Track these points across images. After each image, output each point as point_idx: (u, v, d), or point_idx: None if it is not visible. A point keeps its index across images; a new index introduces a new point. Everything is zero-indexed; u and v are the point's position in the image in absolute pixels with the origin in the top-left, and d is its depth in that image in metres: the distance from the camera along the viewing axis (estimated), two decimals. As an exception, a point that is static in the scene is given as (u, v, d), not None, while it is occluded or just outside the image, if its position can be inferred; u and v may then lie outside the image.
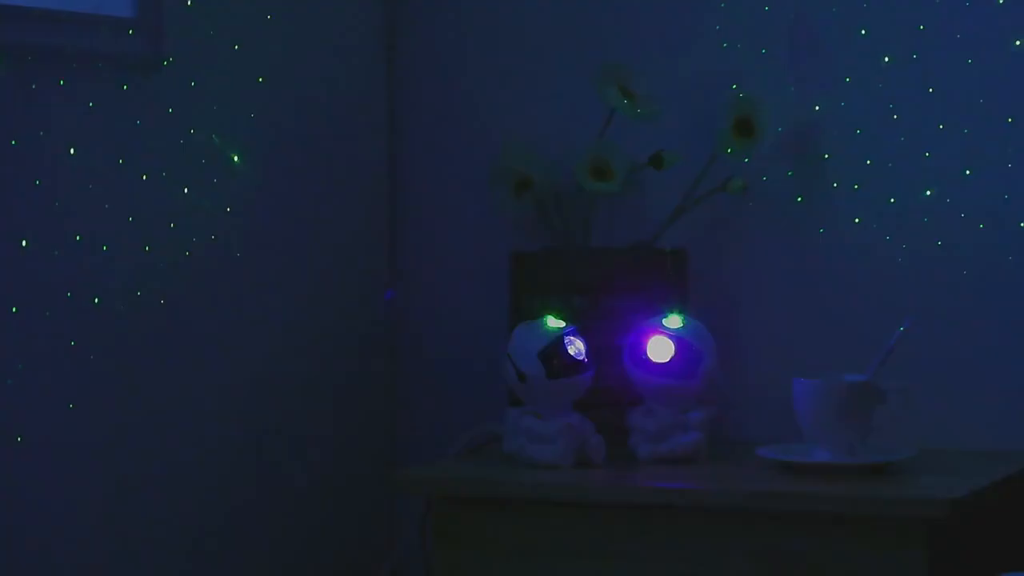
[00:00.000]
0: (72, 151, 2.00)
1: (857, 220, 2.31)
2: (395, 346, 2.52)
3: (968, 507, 1.95)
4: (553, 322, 2.20)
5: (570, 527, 2.09)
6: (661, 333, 2.20)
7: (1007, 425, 2.24)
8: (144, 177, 2.08)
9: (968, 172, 2.26)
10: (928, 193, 2.28)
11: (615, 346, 2.24)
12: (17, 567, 1.94)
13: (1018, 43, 2.22)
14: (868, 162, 2.30)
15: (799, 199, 2.34)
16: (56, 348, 1.99)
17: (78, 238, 2.01)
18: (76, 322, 2.01)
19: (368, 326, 2.47)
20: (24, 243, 1.95)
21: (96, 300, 2.03)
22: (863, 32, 2.30)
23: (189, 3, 2.14)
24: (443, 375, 2.51)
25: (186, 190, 2.14)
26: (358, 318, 2.45)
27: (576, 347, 2.19)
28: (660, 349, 2.20)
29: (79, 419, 2.02)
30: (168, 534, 2.15)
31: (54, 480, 2.00)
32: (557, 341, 2.18)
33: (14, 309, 1.94)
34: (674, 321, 2.21)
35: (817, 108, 2.32)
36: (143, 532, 2.11)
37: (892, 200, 2.29)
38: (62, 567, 2.00)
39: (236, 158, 2.21)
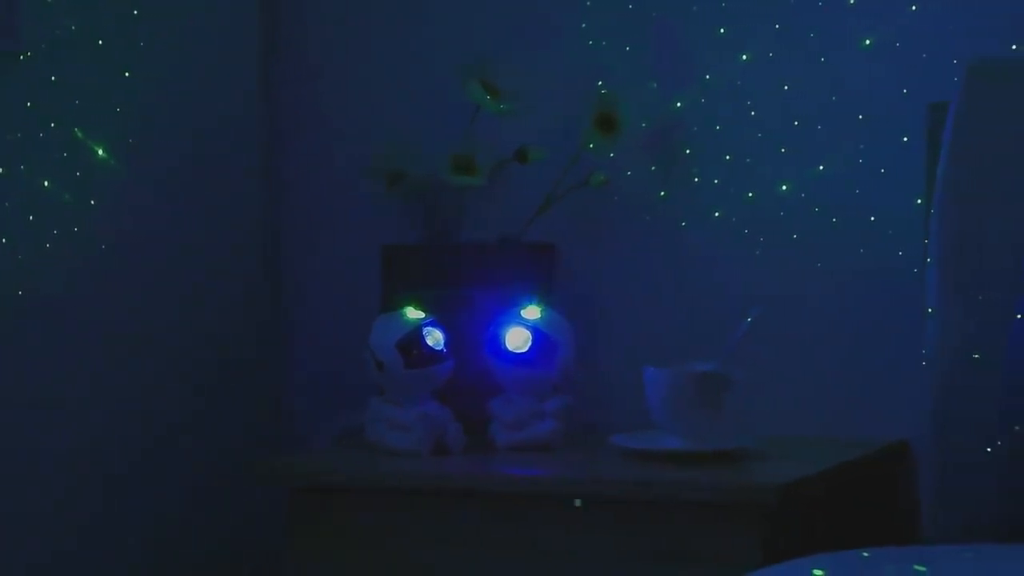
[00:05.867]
0: (-76, 144, 2.03)
1: (717, 214, 2.36)
2: (274, 338, 2.56)
3: (798, 492, 2.00)
4: (412, 313, 2.25)
5: (426, 514, 2.12)
6: (518, 324, 2.25)
7: (858, 413, 2.29)
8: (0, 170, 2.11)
9: (822, 167, 2.31)
10: (784, 188, 2.33)
11: (478, 337, 2.29)
12: None
13: (867, 42, 2.28)
14: (727, 157, 2.36)
15: (662, 194, 2.39)
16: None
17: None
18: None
19: (245, 320, 2.50)
20: None
21: (-50, 292, 2.07)
22: (722, 31, 2.35)
23: (49, -1, 2.18)
24: (322, 367, 2.55)
25: (46, 183, 2.16)
26: (234, 311, 2.48)
27: (434, 338, 2.23)
28: (517, 339, 2.25)
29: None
30: (31, 528, 2.17)
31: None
32: (415, 332, 2.22)
33: None
34: (532, 312, 2.26)
35: (679, 105, 2.37)
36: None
37: (750, 194, 2.35)
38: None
39: (101, 151, 2.24)
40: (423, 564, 2.12)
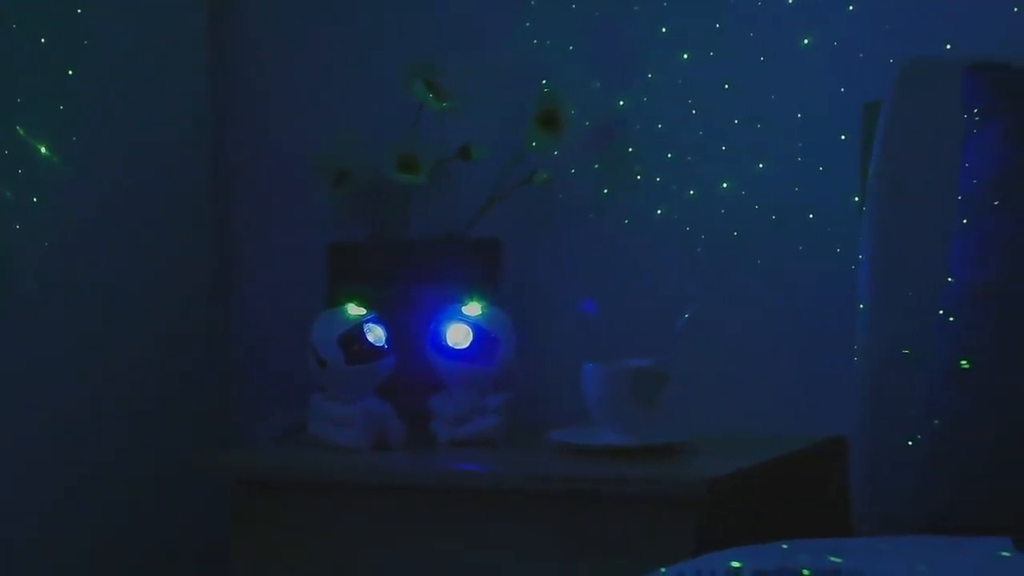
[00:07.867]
0: None
1: (659, 212, 2.38)
2: (219, 336, 2.57)
3: (731, 486, 2.02)
4: (354, 309, 2.26)
5: (367, 509, 2.14)
6: (459, 320, 2.27)
7: (797, 409, 2.31)
8: (-61, 168, 2.13)
9: (761, 165, 2.33)
10: (724, 186, 2.35)
11: (421, 333, 2.31)
12: None
13: (806, 42, 2.30)
14: (669, 155, 2.38)
15: (605, 191, 2.41)
16: None
17: None
18: None
19: (190, 317, 2.50)
20: None
21: None
22: (663, 31, 2.37)
23: (-13, -3, 2.18)
24: (267, 365, 2.56)
25: (-13, 180, 2.20)
26: (179, 309, 2.48)
27: (376, 334, 2.25)
28: (458, 335, 2.27)
29: None
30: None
31: None
32: (356, 328, 2.24)
33: None
34: (473, 308, 2.28)
35: (621, 103, 2.40)
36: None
37: (691, 192, 2.37)
38: None
39: (44, 150, 2.25)
40: (365, 558, 2.14)
